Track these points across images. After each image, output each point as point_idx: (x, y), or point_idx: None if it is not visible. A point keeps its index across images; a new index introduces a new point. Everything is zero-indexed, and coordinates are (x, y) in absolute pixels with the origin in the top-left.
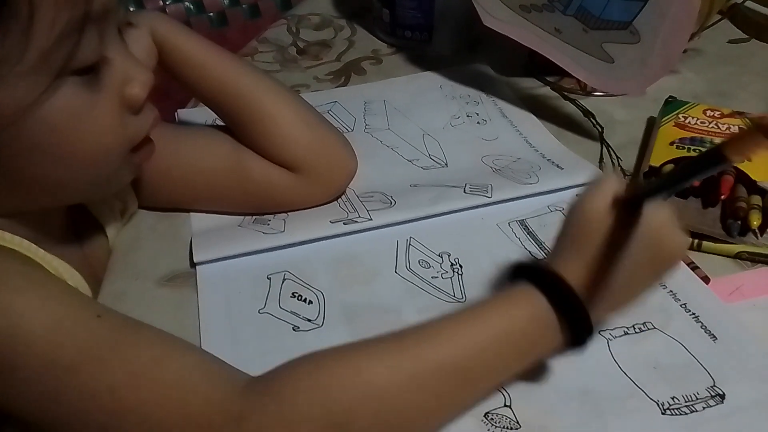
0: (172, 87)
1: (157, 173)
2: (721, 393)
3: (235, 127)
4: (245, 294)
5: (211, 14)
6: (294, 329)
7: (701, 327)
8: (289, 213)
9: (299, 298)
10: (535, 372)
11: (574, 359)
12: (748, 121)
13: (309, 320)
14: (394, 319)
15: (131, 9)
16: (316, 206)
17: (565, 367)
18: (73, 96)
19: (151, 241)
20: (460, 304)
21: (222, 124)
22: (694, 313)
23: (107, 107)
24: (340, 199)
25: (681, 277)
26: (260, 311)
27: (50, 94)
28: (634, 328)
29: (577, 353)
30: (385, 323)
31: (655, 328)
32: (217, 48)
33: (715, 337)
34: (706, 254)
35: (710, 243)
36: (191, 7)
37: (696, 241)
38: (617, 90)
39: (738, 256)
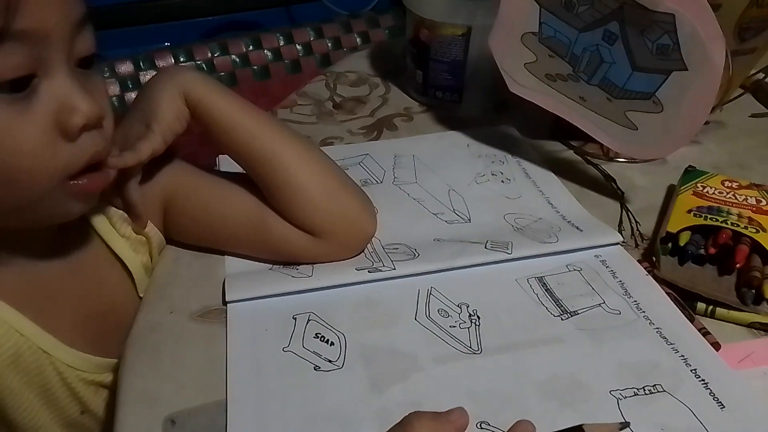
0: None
1: (185, 215)
2: None
3: (261, 187)
4: (271, 332)
5: (255, 67)
6: (315, 369)
7: (710, 394)
8: None
9: (322, 338)
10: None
11: (585, 416)
12: (765, 193)
13: (330, 361)
14: (411, 364)
15: (181, 62)
16: None
17: (575, 424)
18: None
19: (186, 278)
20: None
21: None
22: (703, 380)
23: (35, 128)
24: (366, 249)
25: (692, 342)
26: (284, 349)
27: None
28: (645, 390)
29: None
30: (402, 368)
31: (664, 390)
32: (250, 110)
33: (722, 405)
34: (718, 321)
35: (723, 310)
36: (237, 60)
37: (710, 307)
38: (640, 155)
39: (751, 326)
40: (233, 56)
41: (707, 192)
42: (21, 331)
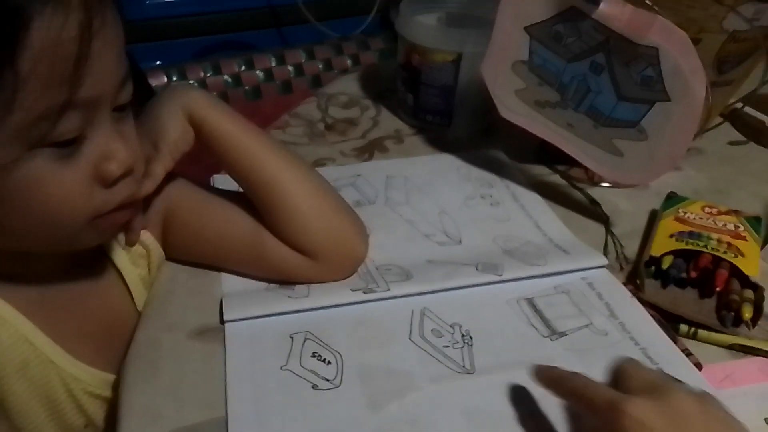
0: (204, 152)
1: (187, 233)
2: None
3: (259, 208)
4: (269, 351)
5: (247, 88)
6: (313, 387)
7: None
8: None
9: (319, 357)
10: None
11: (577, 426)
12: (743, 219)
13: (327, 380)
14: (407, 383)
15: (175, 80)
16: None
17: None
18: (43, 166)
19: (184, 296)
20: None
21: None
22: None
23: (76, 178)
24: (360, 270)
25: (676, 362)
26: (282, 368)
27: (22, 163)
28: None
29: None
30: (398, 387)
31: None
32: (252, 131)
33: None
34: (700, 342)
35: (705, 332)
36: (229, 80)
37: (692, 329)
38: (626, 181)
39: (731, 347)
40: (225, 76)
41: (688, 218)
42: (31, 340)
